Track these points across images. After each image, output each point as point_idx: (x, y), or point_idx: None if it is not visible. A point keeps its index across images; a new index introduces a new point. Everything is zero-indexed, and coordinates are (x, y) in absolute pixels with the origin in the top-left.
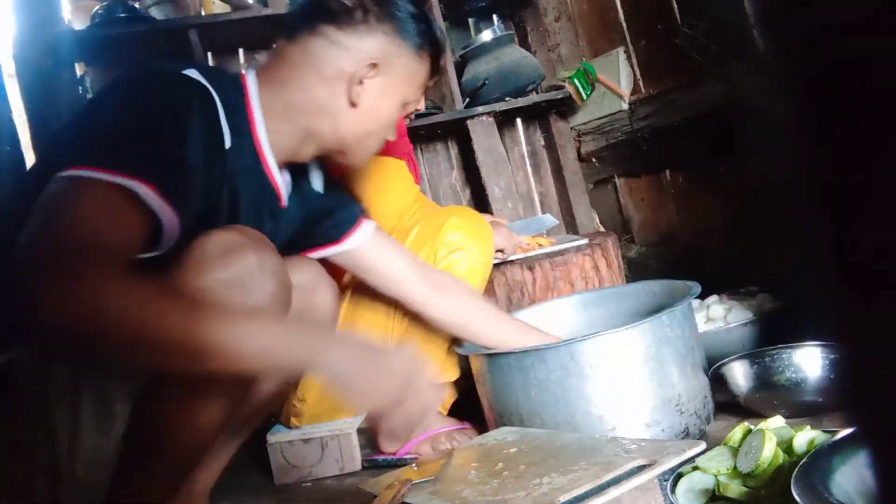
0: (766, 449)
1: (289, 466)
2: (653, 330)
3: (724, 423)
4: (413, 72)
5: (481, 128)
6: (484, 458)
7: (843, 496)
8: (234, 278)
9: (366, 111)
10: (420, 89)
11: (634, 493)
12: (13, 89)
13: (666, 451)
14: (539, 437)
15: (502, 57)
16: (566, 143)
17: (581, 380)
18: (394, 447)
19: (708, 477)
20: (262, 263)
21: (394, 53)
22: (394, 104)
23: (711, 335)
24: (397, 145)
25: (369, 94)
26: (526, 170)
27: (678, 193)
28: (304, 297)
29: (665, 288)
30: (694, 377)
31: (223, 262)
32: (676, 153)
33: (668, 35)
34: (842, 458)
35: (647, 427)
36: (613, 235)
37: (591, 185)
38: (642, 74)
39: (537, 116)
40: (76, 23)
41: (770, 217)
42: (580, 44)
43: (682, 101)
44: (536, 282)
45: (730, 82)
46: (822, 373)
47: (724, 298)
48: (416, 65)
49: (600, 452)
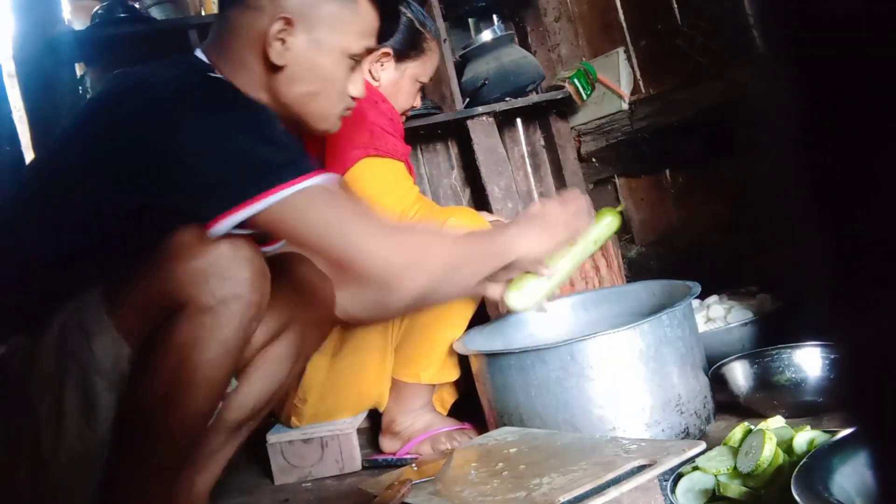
0: (766, 449)
1: (289, 466)
2: (653, 330)
3: (724, 423)
4: (345, 20)
5: (481, 128)
6: (484, 458)
7: (843, 496)
8: (209, 266)
9: (298, 71)
10: (364, 37)
11: (634, 493)
12: (13, 89)
13: (666, 451)
14: (539, 437)
15: (502, 57)
16: (566, 143)
17: (581, 380)
18: (394, 447)
19: (708, 477)
20: (236, 251)
21: (313, 4)
22: (332, 58)
23: (711, 335)
24: (397, 147)
25: (295, 52)
26: (526, 170)
27: (678, 193)
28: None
29: (665, 288)
30: (694, 377)
31: (197, 251)
32: (676, 153)
33: (668, 35)
34: (842, 458)
35: (647, 427)
36: (613, 235)
37: (591, 185)
38: (642, 74)
39: (537, 116)
40: (76, 23)
41: (770, 216)
42: (580, 44)
43: (682, 101)
44: None
45: (730, 82)
46: (822, 373)
47: (724, 298)
48: (346, 12)
49: (600, 452)
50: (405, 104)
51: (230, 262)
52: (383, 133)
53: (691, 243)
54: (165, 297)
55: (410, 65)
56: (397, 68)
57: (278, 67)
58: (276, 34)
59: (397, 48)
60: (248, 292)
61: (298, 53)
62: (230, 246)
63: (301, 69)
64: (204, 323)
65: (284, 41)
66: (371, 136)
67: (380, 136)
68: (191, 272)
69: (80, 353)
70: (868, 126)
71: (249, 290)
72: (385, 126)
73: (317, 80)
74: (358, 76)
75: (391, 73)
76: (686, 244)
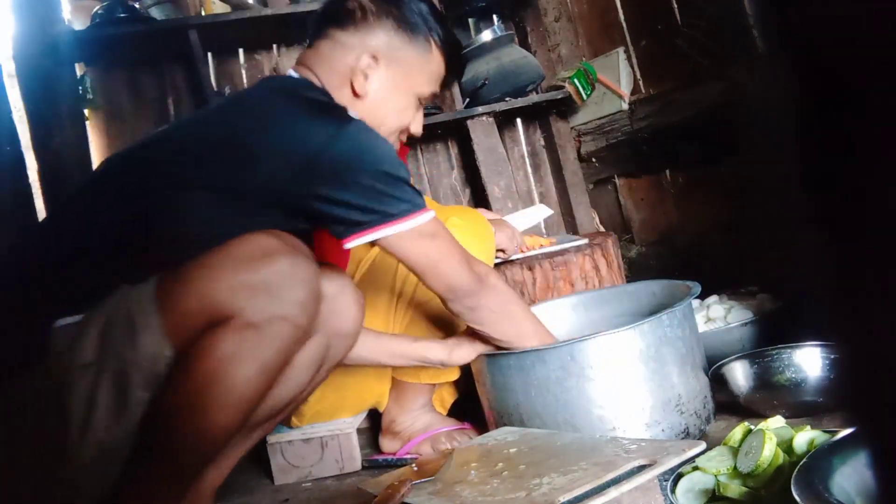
0: (766, 449)
1: (289, 466)
2: (653, 330)
3: (725, 423)
4: (422, 64)
5: (481, 128)
6: (484, 458)
7: (843, 496)
8: (262, 283)
9: (375, 102)
10: (432, 82)
11: (634, 493)
12: (13, 89)
13: (666, 451)
14: (539, 437)
15: (502, 57)
16: (566, 143)
17: (581, 380)
18: (394, 447)
19: (708, 477)
20: (295, 271)
21: (397, 47)
22: (404, 96)
23: (711, 335)
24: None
25: (376, 85)
26: (526, 170)
27: (678, 193)
28: (325, 303)
29: (665, 288)
30: (694, 377)
31: (254, 266)
32: (676, 153)
33: (668, 35)
34: (842, 458)
35: (647, 427)
36: (613, 235)
37: (591, 185)
38: (642, 74)
39: (537, 116)
40: (76, 23)
41: (770, 216)
42: (580, 44)
43: (682, 101)
44: (536, 282)
45: (730, 82)
46: (822, 373)
47: (724, 298)
48: (424, 57)
49: (600, 452)
50: None
51: (286, 280)
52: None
53: (691, 243)
54: (215, 305)
55: None
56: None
57: (358, 97)
58: (364, 68)
59: None
60: (298, 315)
61: (378, 87)
62: (290, 263)
63: (377, 101)
64: (246, 339)
65: (367, 76)
66: None
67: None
68: (244, 284)
69: (123, 346)
70: (867, 126)
71: (299, 313)
72: None
73: (387, 112)
74: (420, 116)
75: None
76: (686, 244)
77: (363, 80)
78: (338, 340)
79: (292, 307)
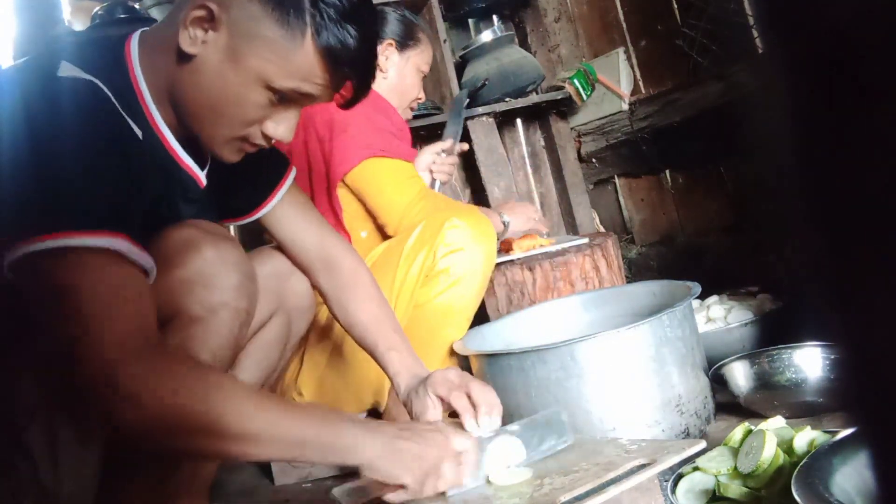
0: (767, 449)
1: (289, 466)
2: (653, 330)
3: (725, 424)
4: (277, 49)
5: (481, 128)
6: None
7: (844, 497)
8: (195, 275)
9: (205, 73)
10: (294, 77)
11: (634, 493)
12: None
13: (666, 451)
14: None
15: (502, 57)
16: (566, 144)
17: (581, 380)
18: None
19: (708, 477)
20: (222, 256)
21: (249, 15)
22: (245, 78)
23: (711, 335)
24: (404, 151)
25: (209, 49)
26: (526, 170)
27: (678, 193)
28: (279, 282)
29: (665, 288)
30: (694, 377)
31: (181, 261)
32: (676, 153)
33: (668, 35)
34: (842, 458)
35: (648, 427)
36: (613, 235)
37: (591, 185)
38: (642, 75)
39: (537, 117)
40: (76, 24)
41: (770, 216)
42: (580, 44)
43: (682, 101)
44: (536, 282)
45: (730, 82)
46: (822, 373)
47: (724, 298)
48: (284, 43)
49: (600, 452)
50: (412, 94)
51: (216, 269)
52: (392, 137)
53: (691, 243)
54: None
55: (412, 53)
56: (401, 57)
57: (185, 57)
58: (192, 19)
59: (397, 38)
60: (237, 298)
61: (211, 53)
62: (215, 251)
63: (207, 70)
64: (194, 334)
65: (207, 31)
66: (380, 138)
67: (388, 139)
68: (177, 282)
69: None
70: (867, 127)
71: (238, 297)
72: (395, 132)
73: (218, 91)
74: (285, 117)
75: (396, 62)
76: (686, 244)
77: (193, 36)
78: (298, 315)
79: (230, 293)
